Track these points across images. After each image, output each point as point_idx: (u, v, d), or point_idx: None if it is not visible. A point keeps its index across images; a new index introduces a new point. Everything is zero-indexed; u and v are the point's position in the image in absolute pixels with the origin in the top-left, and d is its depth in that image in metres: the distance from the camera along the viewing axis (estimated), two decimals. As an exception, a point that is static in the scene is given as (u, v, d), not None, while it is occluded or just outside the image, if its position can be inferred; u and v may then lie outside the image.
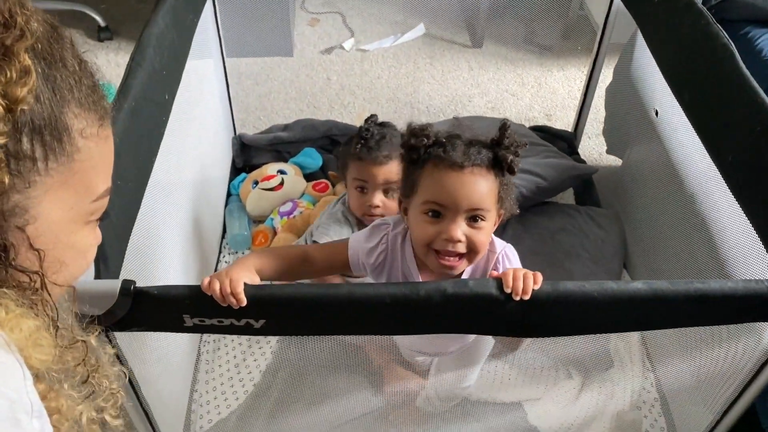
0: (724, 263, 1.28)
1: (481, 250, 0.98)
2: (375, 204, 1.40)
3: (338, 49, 2.78)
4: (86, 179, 0.56)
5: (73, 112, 0.54)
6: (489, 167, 0.96)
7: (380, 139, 1.40)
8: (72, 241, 0.57)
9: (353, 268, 1.08)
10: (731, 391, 1.10)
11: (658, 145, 1.54)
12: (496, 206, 0.99)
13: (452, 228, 0.95)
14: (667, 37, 1.39)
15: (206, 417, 1.40)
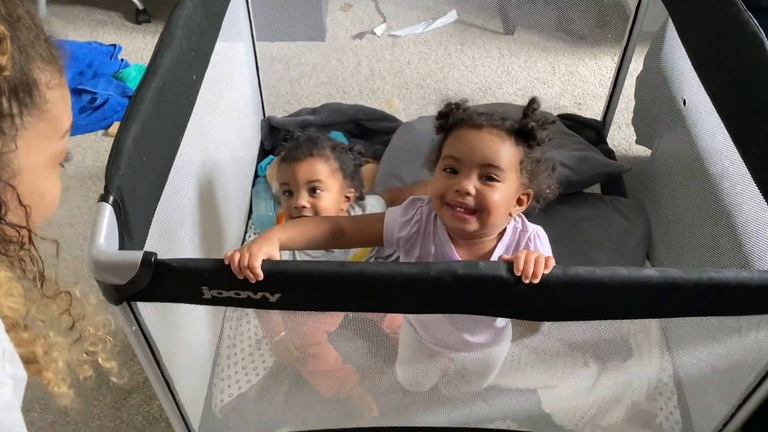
0: (749, 257, 1.27)
1: (492, 210, 0.97)
2: (300, 205, 1.35)
3: (369, 35, 2.79)
4: (55, 124, 0.61)
5: (39, 67, 0.58)
6: (510, 132, 0.98)
7: (304, 141, 1.40)
8: (45, 188, 0.63)
9: (386, 243, 1.08)
10: (747, 383, 1.10)
11: (686, 135, 1.52)
12: (518, 174, 0.99)
13: (463, 180, 0.97)
14: (696, 24, 1.36)
15: (227, 391, 1.44)
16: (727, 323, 1.11)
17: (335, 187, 1.38)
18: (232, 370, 1.48)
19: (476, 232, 1.00)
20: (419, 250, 1.06)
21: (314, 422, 1.38)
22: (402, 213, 1.07)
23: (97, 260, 0.85)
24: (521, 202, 1.04)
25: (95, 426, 1.52)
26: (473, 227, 0.99)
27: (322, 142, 1.41)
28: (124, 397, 1.57)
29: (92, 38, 2.69)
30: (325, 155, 1.37)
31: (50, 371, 0.63)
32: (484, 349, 1.17)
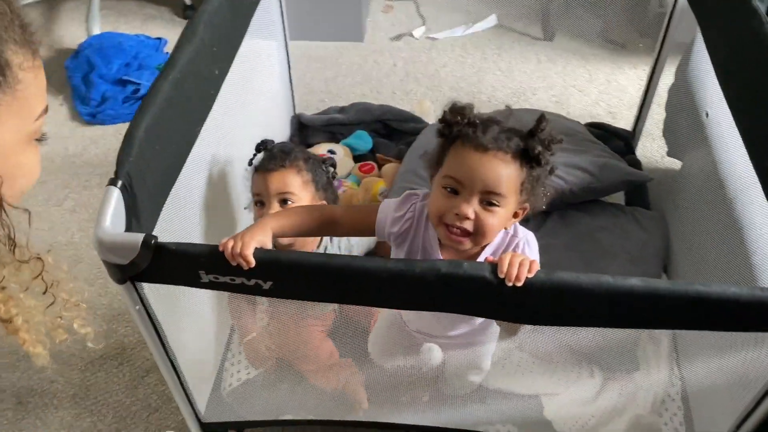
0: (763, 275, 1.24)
1: (488, 233, 0.99)
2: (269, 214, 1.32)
3: (408, 37, 2.82)
4: (27, 104, 0.66)
5: (11, 49, 0.62)
6: (515, 155, 0.96)
7: (278, 152, 1.41)
8: (20, 161, 0.68)
9: (378, 234, 1.10)
10: (747, 402, 1.07)
11: (710, 148, 1.49)
12: (518, 196, 0.99)
13: (464, 204, 0.97)
14: (721, 35, 1.34)
15: (236, 375, 1.49)
16: (733, 338, 1.10)
17: (306, 199, 1.38)
18: (243, 355, 1.52)
19: (469, 248, 1.02)
20: (408, 245, 1.07)
21: (318, 412, 1.42)
22: (396, 208, 1.09)
23: (101, 240, 0.90)
24: (517, 215, 1.04)
25: (113, 401, 1.59)
26: (467, 247, 1.01)
27: (296, 153, 1.41)
28: (142, 375, 1.64)
29: (141, 31, 2.79)
30: (298, 167, 1.38)
31: (24, 331, 0.68)
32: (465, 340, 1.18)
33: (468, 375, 1.28)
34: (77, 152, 2.27)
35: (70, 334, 0.76)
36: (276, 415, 1.42)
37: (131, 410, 1.57)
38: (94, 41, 2.59)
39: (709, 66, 1.40)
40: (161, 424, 1.54)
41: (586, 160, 1.69)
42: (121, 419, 1.56)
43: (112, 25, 2.86)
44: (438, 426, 1.40)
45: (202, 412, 1.37)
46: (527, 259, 0.87)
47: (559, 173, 1.66)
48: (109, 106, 2.39)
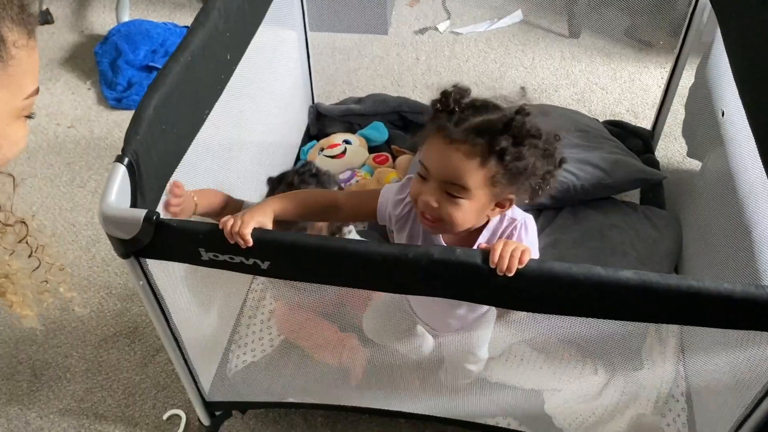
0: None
1: (455, 223, 0.97)
2: None
3: (432, 31, 2.81)
4: (18, 81, 0.69)
5: (7, 26, 0.65)
6: (483, 149, 0.92)
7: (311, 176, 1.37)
8: (6, 132, 0.70)
9: (379, 218, 1.10)
10: (747, 402, 1.06)
11: (726, 149, 1.47)
12: (489, 189, 0.95)
13: (427, 194, 0.96)
14: (739, 34, 1.32)
15: (242, 357, 1.51)
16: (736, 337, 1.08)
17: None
18: (250, 338, 1.55)
19: (446, 233, 1.02)
20: (409, 228, 1.08)
21: (321, 396, 1.43)
22: (397, 191, 1.09)
23: (106, 215, 0.93)
24: (502, 205, 1.00)
25: (123, 378, 1.63)
26: (439, 232, 1.01)
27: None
28: (153, 354, 1.68)
29: (170, 20, 2.84)
30: None
31: (11, 293, 0.71)
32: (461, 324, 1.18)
33: (465, 363, 1.28)
34: (102, 135, 2.32)
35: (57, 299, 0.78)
36: (279, 398, 1.45)
37: (140, 387, 1.61)
38: (122, 28, 2.64)
39: (727, 65, 1.38)
40: (168, 402, 1.58)
41: (598, 157, 1.67)
42: (130, 395, 1.59)
43: (142, 13, 2.91)
44: (438, 416, 1.41)
45: (206, 391, 1.40)
46: (519, 247, 0.87)
47: (571, 169, 1.66)
48: (134, 92, 2.44)
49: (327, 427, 1.52)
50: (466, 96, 0.98)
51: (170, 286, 1.13)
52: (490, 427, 1.41)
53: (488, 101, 0.98)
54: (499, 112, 0.95)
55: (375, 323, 1.25)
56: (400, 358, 1.28)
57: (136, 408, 1.57)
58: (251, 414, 1.54)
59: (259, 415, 1.54)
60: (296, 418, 1.53)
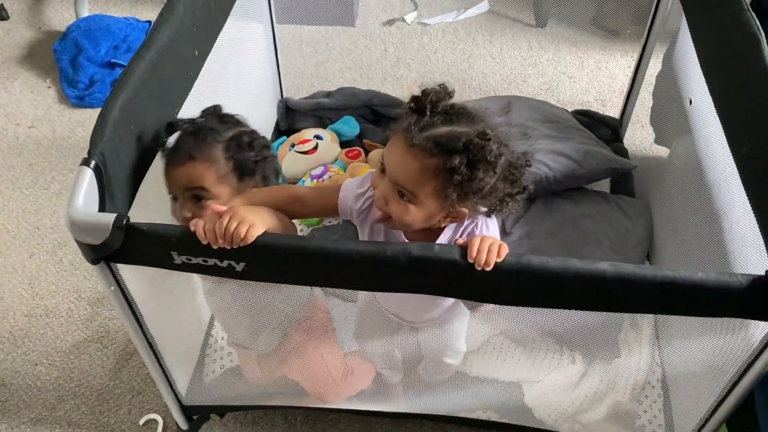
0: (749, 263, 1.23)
1: (402, 224, 0.97)
2: (183, 215, 1.12)
3: (400, 22, 2.80)
4: None
5: None
6: (438, 161, 0.91)
7: (189, 137, 1.13)
8: None
9: (341, 213, 1.09)
10: (722, 386, 1.08)
11: (694, 136, 1.49)
12: (438, 201, 0.94)
13: (380, 189, 0.97)
14: (704, 22, 1.34)
15: (219, 362, 1.49)
16: (710, 324, 1.10)
17: (224, 194, 1.13)
18: (225, 342, 1.53)
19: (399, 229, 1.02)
20: (371, 222, 1.07)
21: (300, 399, 1.42)
22: (358, 185, 1.08)
23: (73, 220, 0.90)
24: (454, 217, 0.99)
25: (96, 384, 1.59)
26: (390, 227, 1.02)
27: (212, 137, 1.13)
28: (126, 359, 1.64)
29: (130, 14, 2.77)
30: (210, 158, 1.12)
31: None
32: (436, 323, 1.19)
33: (444, 357, 1.28)
34: (65, 135, 2.26)
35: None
36: (258, 401, 1.43)
37: (114, 393, 1.58)
38: (82, 23, 2.57)
39: (694, 53, 1.40)
40: (144, 406, 1.55)
41: (569, 147, 1.69)
42: (104, 401, 1.56)
43: (101, 8, 2.84)
44: (419, 413, 1.41)
45: (183, 395, 1.37)
46: (496, 242, 0.87)
47: (543, 160, 1.67)
48: (97, 89, 2.38)
49: (307, 426, 1.51)
50: (446, 99, 0.96)
51: (142, 291, 1.11)
52: (470, 420, 1.41)
53: (467, 110, 0.95)
54: (468, 127, 0.92)
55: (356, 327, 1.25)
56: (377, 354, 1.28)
57: (111, 414, 1.54)
58: (230, 416, 1.52)
59: (237, 416, 1.52)
60: (276, 418, 1.52)
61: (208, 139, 1.13)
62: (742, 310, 0.87)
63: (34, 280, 1.80)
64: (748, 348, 0.99)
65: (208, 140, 1.13)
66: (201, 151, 1.11)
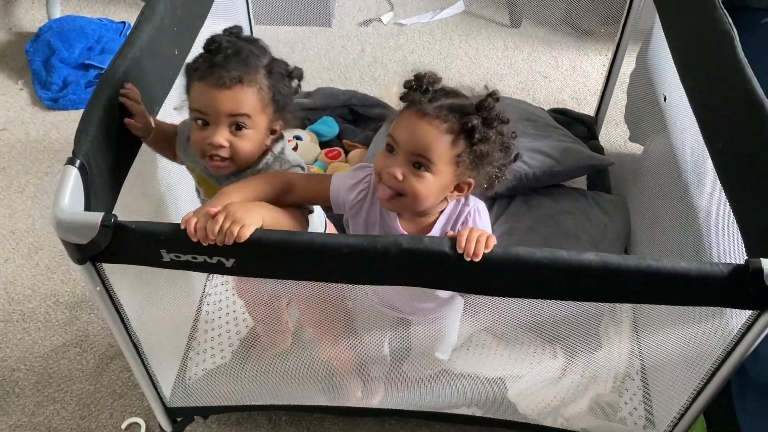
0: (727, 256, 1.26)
1: (417, 198, 0.98)
2: (217, 142, 1.05)
3: (376, 22, 2.81)
4: None
5: None
6: (453, 126, 0.96)
7: (231, 55, 1.04)
8: None
9: (333, 205, 1.09)
10: (701, 376, 1.11)
11: (669, 132, 1.52)
12: (453, 167, 0.98)
13: (394, 164, 0.98)
14: (678, 20, 1.37)
15: (202, 365, 1.48)
16: (688, 314, 1.13)
17: (263, 124, 1.09)
18: (209, 344, 1.52)
19: (404, 211, 1.03)
20: (365, 214, 1.08)
21: (283, 398, 1.42)
22: (350, 176, 1.09)
23: (60, 220, 0.89)
24: (461, 188, 1.03)
25: (76, 388, 1.57)
26: (397, 208, 1.02)
27: (255, 60, 1.07)
28: (107, 362, 1.62)
29: (104, 15, 2.74)
30: (259, 83, 1.06)
31: None
32: (432, 314, 1.20)
33: (435, 351, 1.30)
34: (38, 138, 2.23)
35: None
36: (242, 401, 1.42)
37: (95, 397, 1.56)
38: (54, 24, 2.53)
39: (668, 51, 1.43)
40: (126, 410, 1.53)
41: (548, 145, 1.71)
42: (85, 406, 1.54)
43: (74, 9, 2.80)
44: (403, 409, 1.42)
45: (167, 398, 1.36)
46: (485, 234, 0.88)
47: (522, 158, 1.69)
48: (71, 91, 2.34)
49: (292, 426, 1.51)
50: (438, 82, 1.02)
51: (126, 292, 1.10)
52: (455, 416, 1.42)
53: (457, 90, 1.01)
54: (468, 99, 0.99)
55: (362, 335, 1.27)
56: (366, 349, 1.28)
57: (92, 419, 1.52)
58: (213, 418, 1.51)
59: (221, 418, 1.51)
60: (260, 419, 1.52)
61: (252, 62, 1.06)
62: (723, 298, 0.90)
63: (9, 285, 1.77)
64: (725, 338, 1.01)
65: (252, 63, 1.06)
66: (250, 75, 1.05)
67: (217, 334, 1.54)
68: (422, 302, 1.17)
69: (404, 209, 1.03)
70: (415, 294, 1.14)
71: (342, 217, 1.56)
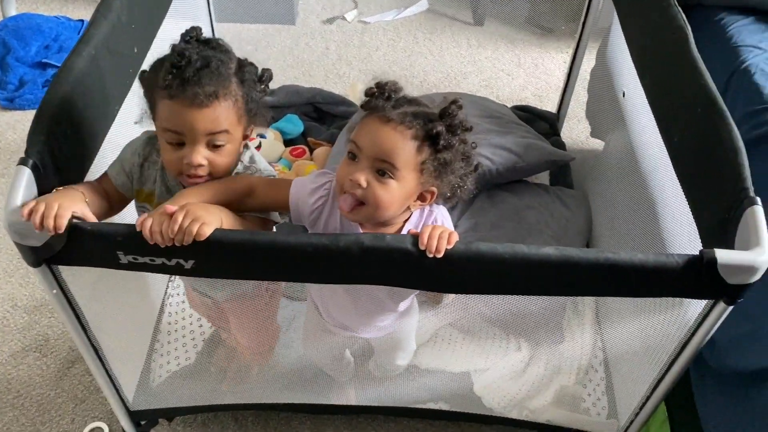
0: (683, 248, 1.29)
1: (380, 206, 0.96)
2: (196, 162, 1.00)
3: (340, 20, 2.80)
4: None
5: None
6: (417, 133, 0.95)
7: (201, 68, 0.97)
8: None
9: (292, 210, 1.07)
10: (661, 365, 1.13)
11: (628, 127, 1.55)
12: (417, 175, 0.97)
13: (357, 171, 0.96)
14: (635, 17, 1.40)
15: (166, 367, 1.46)
16: (648, 305, 1.15)
17: (239, 135, 1.05)
18: (172, 346, 1.50)
19: (366, 221, 1.01)
20: (324, 222, 1.05)
21: (249, 396, 1.41)
22: (311, 181, 1.07)
23: (11, 222, 0.87)
24: (424, 198, 1.01)
25: (36, 394, 1.54)
26: (359, 218, 1.00)
27: (225, 70, 1.00)
28: (67, 367, 1.59)
29: (61, 12, 2.68)
30: (233, 95, 1.01)
31: None
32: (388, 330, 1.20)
33: (395, 360, 1.30)
34: (-6, 138, 2.17)
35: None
36: (207, 402, 1.41)
37: (56, 402, 1.52)
38: (9, 23, 2.46)
39: (626, 48, 1.46)
40: (88, 415, 1.50)
41: (511, 141, 1.73)
42: (45, 412, 1.51)
43: (30, 6, 2.74)
44: (370, 405, 1.42)
45: (130, 401, 1.34)
46: (446, 230, 0.88)
47: (485, 154, 1.70)
48: (27, 91, 2.29)
49: (258, 426, 1.50)
50: (399, 91, 1.01)
51: (85, 294, 1.07)
52: (422, 411, 1.43)
53: (418, 98, 1.01)
54: (430, 107, 0.99)
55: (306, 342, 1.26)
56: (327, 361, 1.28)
57: (53, 425, 1.49)
58: (179, 420, 1.49)
59: (187, 420, 1.50)
60: (226, 420, 1.50)
61: (223, 73, 0.99)
62: (680, 288, 0.91)
63: (-35, 289, 1.72)
64: (683, 327, 1.04)
65: (224, 74, 0.99)
66: (224, 88, 0.99)
67: (180, 336, 1.52)
68: (378, 321, 1.16)
69: (366, 219, 1.00)
70: (370, 312, 1.14)
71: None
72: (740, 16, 1.76)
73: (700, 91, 1.06)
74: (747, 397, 1.25)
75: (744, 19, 1.76)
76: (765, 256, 0.85)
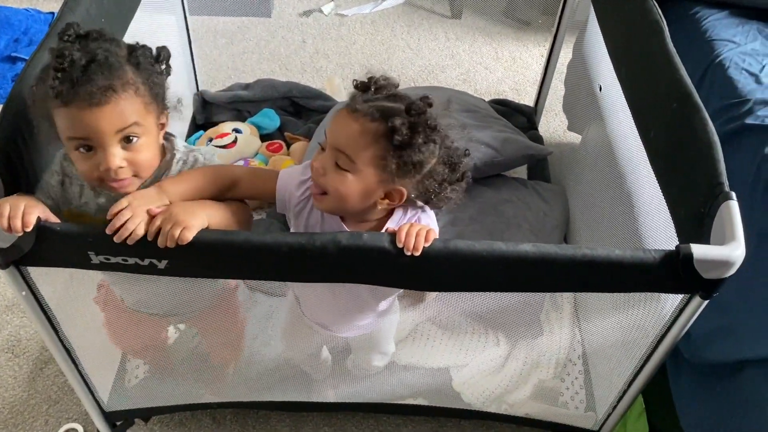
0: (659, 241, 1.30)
1: (337, 197, 0.95)
2: (114, 166, 0.92)
3: (317, 13, 2.78)
4: None
5: None
6: (379, 126, 0.92)
7: (88, 65, 0.89)
8: None
9: (278, 201, 1.05)
10: (637, 359, 1.14)
11: (603, 121, 1.55)
12: (376, 171, 0.94)
13: (316, 160, 0.96)
14: (611, 10, 1.40)
15: (142, 367, 1.44)
16: (625, 300, 1.15)
17: (153, 124, 0.97)
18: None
19: (332, 212, 1.00)
20: (307, 215, 1.04)
21: (226, 394, 1.39)
22: (300, 172, 1.05)
23: (-24, 223, 0.84)
24: (392, 197, 0.97)
25: (8, 395, 1.51)
26: (325, 207, 0.98)
27: (115, 59, 0.92)
28: (41, 367, 1.56)
29: (31, 5, 2.62)
30: (133, 84, 0.93)
31: None
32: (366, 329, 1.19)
33: (372, 361, 1.30)
34: (-39, 134, 2.11)
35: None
36: (184, 401, 1.39)
37: (29, 404, 1.50)
38: (-24, 15, 2.41)
39: (602, 41, 1.46)
40: (62, 416, 1.48)
41: (488, 135, 1.73)
42: (18, 413, 1.48)
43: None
44: (349, 402, 1.41)
45: (105, 401, 1.32)
46: (424, 228, 0.88)
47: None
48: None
49: (236, 424, 1.49)
50: (390, 88, 0.98)
51: (57, 295, 1.05)
52: (401, 406, 1.43)
53: (408, 97, 0.96)
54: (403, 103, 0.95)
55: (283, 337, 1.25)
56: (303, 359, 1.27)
57: (26, 426, 1.46)
58: (155, 419, 1.47)
59: (163, 419, 1.48)
60: (204, 419, 1.49)
61: (114, 63, 0.91)
62: (657, 283, 0.92)
63: (-67, 290, 1.68)
64: (660, 321, 1.04)
65: (114, 64, 0.91)
66: (120, 79, 0.91)
67: (156, 336, 1.49)
68: (357, 320, 1.15)
69: (332, 210, 0.99)
70: (350, 310, 1.13)
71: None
72: (715, 10, 1.77)
73: (676, 84, 1.07)
74: (722, 388, 1.27)
75: (719, 13, 1.77)
76: (740, 251, 0.85)
